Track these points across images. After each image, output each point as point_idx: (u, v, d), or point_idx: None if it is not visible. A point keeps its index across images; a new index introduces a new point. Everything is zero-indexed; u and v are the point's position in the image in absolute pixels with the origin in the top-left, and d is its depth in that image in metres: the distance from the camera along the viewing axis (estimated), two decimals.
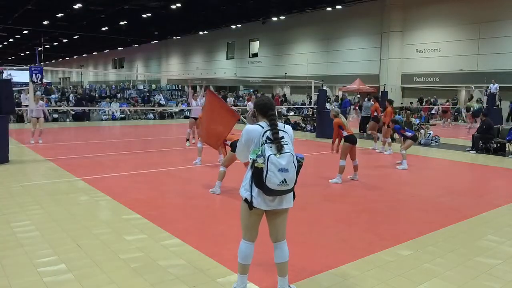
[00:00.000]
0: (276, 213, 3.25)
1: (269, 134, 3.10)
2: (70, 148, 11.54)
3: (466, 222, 5.57)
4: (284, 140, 3.10)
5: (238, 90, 39.54)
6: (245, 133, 3.24)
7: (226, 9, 34.28)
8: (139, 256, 4.18)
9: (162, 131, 17.73)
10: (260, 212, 3.24)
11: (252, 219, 3.26)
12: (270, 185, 3.01)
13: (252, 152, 3.11)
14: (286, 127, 3.24)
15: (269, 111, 3.21)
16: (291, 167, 3.03)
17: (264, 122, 3.22)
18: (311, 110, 19.19)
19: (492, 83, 21.44)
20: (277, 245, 3.31)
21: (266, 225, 3.35)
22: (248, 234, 3.31)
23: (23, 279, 3.63)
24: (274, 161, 2.99)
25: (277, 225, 3.28)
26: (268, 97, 3.41)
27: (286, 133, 3.16)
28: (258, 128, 3.18)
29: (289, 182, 3.03)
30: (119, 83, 41.90)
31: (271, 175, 2.99)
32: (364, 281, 3.75)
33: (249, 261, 3.33)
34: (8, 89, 9.41)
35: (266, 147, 3.05)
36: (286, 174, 3.00)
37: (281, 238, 3.31)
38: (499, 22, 24.20)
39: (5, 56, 71.69)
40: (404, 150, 9.55)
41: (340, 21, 32.45)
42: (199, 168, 9.17)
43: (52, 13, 35.43)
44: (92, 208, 5.88)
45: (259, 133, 3.14)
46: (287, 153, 3.03)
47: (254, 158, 3.05)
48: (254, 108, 3.37)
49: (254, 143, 3.16)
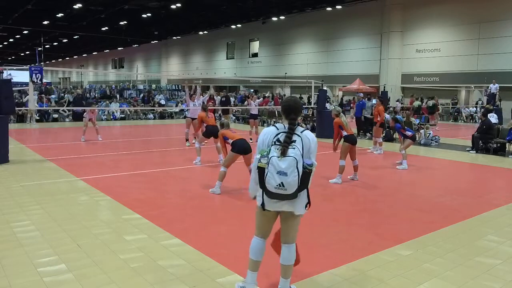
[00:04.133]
0: (287, 217, 3.25)
1: (281, 137, 3.09)
2: (70, 148, 11.53)
3: (466, 222, 5.57)
4: (294, 144, 3.05)
5: (238, 90, 39.54)
6: (260, 135, 3.27)
7: (226, 9, 34.26)
8: (139, 256, 4.18)
9: (162, 131, 17.74)
10: (270, 213, 3.24)
11: (261, 218, 3.30)
12: (268, 187, 3.01)
13: (260, 151, 3.11)
14: (305, 133, 3.17)
15: (291, 115, 3.17)
16: (292, 172, 2.97)
17: (283, 123, 3.21)
18: (311, 110, 19.19)
19: (493, 83, 21.45)
20: (284, 246, 3.31)
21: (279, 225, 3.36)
22: (260, 231, 3.35)
23: (23, 279, 3.63)
24: (274, 163, 2.98)
25: (287, 228, 3.29)
26: (295, 99, 3.29)
27: (299, 138, 3.11)
28: (272, 130, 3.19)
29: (287, 187, 2.98)
30: (119, 83, 41.94)
31: (270, 176, 2.99)
32: (364, 281, 3.75)
33: (259, 257, 3.33)
34: (8, 89, 9.42)
35: (273, 149, 3.05)
36: (284, 178, 2.96)
37: (290, 241, 3.30)
38: (499, 22, 24.20)
39: (5, 56, 71.68)
40: (404, 150, 9.55)
41: (340, 21, 32.44)
42: (199, 168, 9.17)
43: (52, 13, 35.42)
44: (92, 208, 5.88)
45: (272, 134, 3.15)
46: (290, 157, 2.98)
47: (258, 158, 3.06)
48: (281, 107, 3.34)
49: (265, 144, 3.16)
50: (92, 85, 42.35)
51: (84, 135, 13.12)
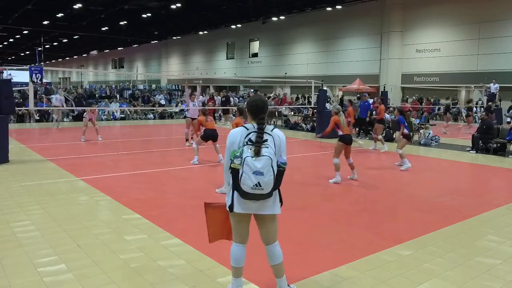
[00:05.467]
0: (262, 218, 3.21)
1: (252, 137, 3.04)
2: (70, 148, 11.53)
3: (466, 222, 5.57)
4: (266, 143, 3.02)
5: (238, 90, 39.54)
6: (228, 137, 3.18)
7: (226, 9, 34.27)
8: (139, 256, 4.18)
9: (162, 131, 17.74)
10: (243, 215, 3.19)
11: (236, 221, 3.24)
12: (244, 188, 2.97)
13: (231, 153, 3.05)
14: (275, 131, 3.15)
15: (260, 114, 3.13)
16: (268, 171, 2.94)
17: (252, 123, 3.16)
18: (311, 110, 19.19)
19: (493, 83, 21.45)
20: (268, 248, 3.27)
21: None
22: (236, 236, 3.29)
23: (23, 279, 3.63)
24: (250, 163, 2.93)
25: (266, 230, 3.24)
26: (261, 98, 3.26)
27: (271, 136, 3.08)
28: (241, 130, 3.13)
29: (263, 186, 2.95)
30: (119, 83, 41.93)
31: (245, 177, 2.94)
32: (364, 281, 3.75)
33: (241, 263, 3.29)
34: (8, 89, 9.42)
35: (245, 149, 3.00)
36: (261, 177, 2.93)
37: (272, 241, 3.26)
38: (499, 22, 24.19)
39: (5, 56, 71.67)
40: (400, 150, 9.54)
41: (340, 21, 32.43)
42: (199, 168, 9.17)
43: (52, 13, 35.42)
44: (92, 208, 5.88)
45: (242, 135, 3.09)
46: (264, 157, 2.95)
47: (232, 159, 3.01)
48: (246, 107, 3.29)
49: (236, 145, 3.10)
50: (92, 85, 42.35)
51: (84, 135, 13.12)
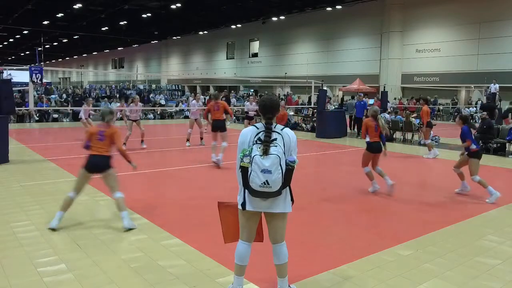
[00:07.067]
0: (272, 216, 3.23)
1: (261, 136, 3.09)
2: (70, 148, 11.53)
3: (466, 222, 5.57)
4: (275, 142, 3.06)
5: (238, 90, 39.55)
6: (240, 136, 3.24)
7: (226, 9, 34.23)
8: (139, 256, 4.18)
9: (162, 131, 17.74)
10: (253, 213, 3.22)
11: (245, 219, 3.26)
12: (253, 185, 3.01)
13: (241, 151, 3.10)
14: (285, 130, 3.18)
15: (267, 114, 3.17)
16: (276, 169, 2.98)
17: (261, 123, 3.21)
18: (311, 110, 19.19)
19: (493, 83, 21.44)
20: (275, 247, 3.29)
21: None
22: (244, 234, 3.31)
23: (23, 279, 3.63)
24: (258, 162, 2.98)
25: (274, 228, 3.26)
26: (271, 98, 3.26)
27: (280, 135, 3.11)
28: (252, 129, 3.18)
29: (271, 184, 2.99)
30: (119, 83, 41.92)
31: (254, 175, 2.99)
32: (364, 281, 3.75)
33: (245, 262, 3.31)
34: (8, 89, 9.42)
35: (255, 148, 3.05)
36: (269, 176, 2.97)
37: (279, 240, 3.28)
38: (499, 22, 24.20)
39: (5, 56, 71.64)
40: (477, 176, 6.91)
41: (340, 21, 32.44)
42: (199, 168, 9.17)
43: (52, 13, 35.42)
44: (92, 208, 5.88)
45: (252, 134, 3.14)
46: (273, 155, 2.99)
47: (241, 157, 3.06)
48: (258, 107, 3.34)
49: (246, 144, 3.15)
50: (92, 85, 42.33)
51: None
